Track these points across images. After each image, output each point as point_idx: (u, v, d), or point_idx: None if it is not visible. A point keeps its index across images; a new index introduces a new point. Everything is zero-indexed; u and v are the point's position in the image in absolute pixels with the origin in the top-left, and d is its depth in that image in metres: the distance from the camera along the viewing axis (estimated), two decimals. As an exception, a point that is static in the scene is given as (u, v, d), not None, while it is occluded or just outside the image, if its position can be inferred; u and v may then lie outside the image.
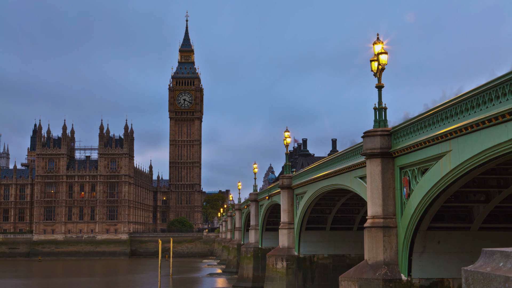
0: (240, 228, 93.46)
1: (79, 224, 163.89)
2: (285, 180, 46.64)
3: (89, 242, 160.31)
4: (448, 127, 19.66)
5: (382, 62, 24.85)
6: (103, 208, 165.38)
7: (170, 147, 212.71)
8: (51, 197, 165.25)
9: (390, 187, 24.77)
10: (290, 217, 45.94)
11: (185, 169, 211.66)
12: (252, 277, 66.06)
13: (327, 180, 35.52)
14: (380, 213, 24.71)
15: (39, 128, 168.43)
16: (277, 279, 45.36)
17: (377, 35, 25.27)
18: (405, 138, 23.51)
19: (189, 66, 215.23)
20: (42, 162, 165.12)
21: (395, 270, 24.14)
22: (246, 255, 68.30)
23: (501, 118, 16.69)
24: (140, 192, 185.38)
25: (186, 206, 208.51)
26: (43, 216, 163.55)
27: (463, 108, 18.81)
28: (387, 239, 24.42)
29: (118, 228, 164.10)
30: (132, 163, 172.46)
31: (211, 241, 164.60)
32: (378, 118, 25.34)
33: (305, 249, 44.72)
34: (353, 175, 29.73)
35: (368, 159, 25.46)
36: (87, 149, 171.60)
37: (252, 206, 69.72)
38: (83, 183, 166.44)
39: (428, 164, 21.97)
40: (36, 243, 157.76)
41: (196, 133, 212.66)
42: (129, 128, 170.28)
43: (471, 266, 5.52)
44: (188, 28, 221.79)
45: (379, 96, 25.23)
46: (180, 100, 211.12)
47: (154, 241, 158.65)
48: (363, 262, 25.30)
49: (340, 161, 32.50)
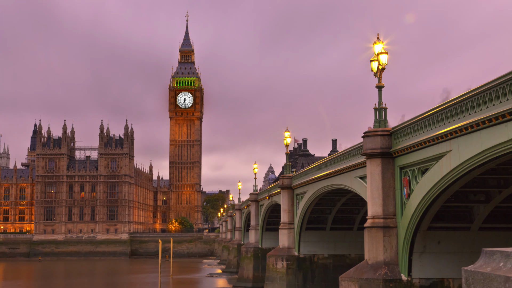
0: (240, 228, 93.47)
1: (79, 224, 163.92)
2: (285, 180, 46.66)
3: (89, 242, 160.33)
4: (448, 127, 19.66)
5: (381, 63, 24.87)
6: (103, 208, 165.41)
7: (170, 147, 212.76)
8: (51, 197, 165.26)
9: (390, 187, 24.78)
10: (290, 217, 45.96)
11: (185, 169, 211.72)
12: (252, 277, 66.07)
13: (327, 180, 35.53)
14: (380, 213, 24.71)
15: (39, 128, 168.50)
16: (277, 279, 45.37)
17: (377, 35, 25.28)
18: (405, 138, 23.51)
19: (189, 66, 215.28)
20: (42, 162, 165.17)
21: (395, 270, 24.15)
22: (246, 255, 68.31)
23: (501, 118, 16.70)
24: (140, 192, 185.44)
25: (186, 206, 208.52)
26: (43, 216, 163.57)
27: (463, 108, 18.82)
28: (387, 239, 24.43)
29: (118, 228, 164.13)
30: (132, 163, 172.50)
31: (211, 241, 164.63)
32: (378, 118, 25.36)
33: (305, 249, 44.72)
34: (353, 175, 29.74)
35: (368, 159, 25.47)
36: (87, 149, 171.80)
37: (252, 206, 69.74)
38: (83, 183, 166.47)
39: (428, 164, 21.97)
40: (36, 243, 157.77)
41: (196, 133, 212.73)
42: (129, 128, 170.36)
43: (471, 266, 5.52)
44: (188, 28, 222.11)
45: (379, 96, 25.25)
46: (180, 100, 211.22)
47: (154, 241, 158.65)
48: (363, 262, 25.31)
49: (340, 161, 32.51)
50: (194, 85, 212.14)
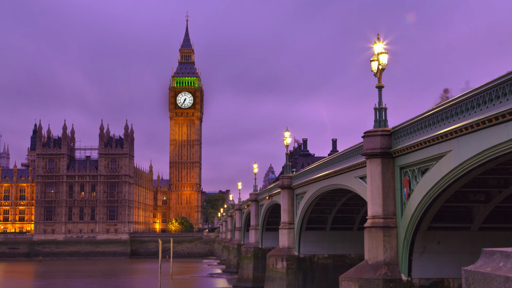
0: (240, 228, 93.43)
1: (79, 224, 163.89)
2: (285, 180, 46.65)
3: (89, 242, 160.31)
4: (449, 127, 19.65)
5: (381, 63, 24.86)
6: (103, 208, 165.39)
7: (170, 147, 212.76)
8: (51, 197, 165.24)
9: (390, 187, 24.77)
10: (290, 217, 45.95)
11: (185, 169, 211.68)
12: (252, 277, 66.04)
13: (327, 180, 35.53)
14: (380, 213, 24.71)
15: (39, 128, 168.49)
16: (277, 279, 45.36)
17: (377, 35, 25.27)
18: (406, 138, 23.51)
19: (189, 66, 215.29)
20: (42, 162, 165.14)
21: (395, 270, 24.14)
22: (246, 255, 68.29)
23: (501, 118, 16.69)
24: (140, 192, 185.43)
25: (186, 206, 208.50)
26: (43, 216, 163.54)
27: (463, 108, 18.81)
28: (387, 239, 24.42)
29: (118, 228, 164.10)
30: (132, 163, 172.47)
31: (211, 241, 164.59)
32: (379, 118, 25.36)
33: (305, 249, 44.71)
34: (354, 175, 29.73)
35: (368, 159, 25.46)
36: (87, 149, 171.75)
37: (252, 206, 69.72)
38: (83, 183, 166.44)
39: (428, 164, 21.97)
40: (36, 243, 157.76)
41: (196, 133, 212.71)
42: (129, 128, 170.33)
43: (472, 266, 5.53)
44: (188, 28, 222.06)
45: (379, 96, 25.25)
46: (180, 100, 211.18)
47: (154, 241, 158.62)
48: (363, 262, 25.30)
49: (341, 161, 32.50)
50: (194, 85, 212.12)
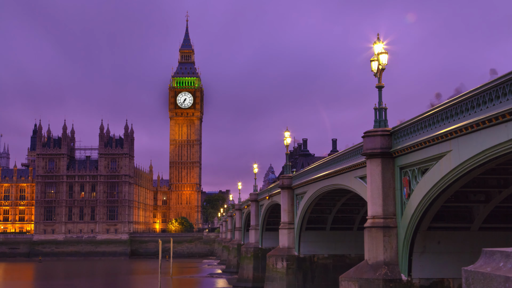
0: (240, 228, 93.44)
1: (79, 224, 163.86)
2: (285, 180, 46.65)
3: (89, 242, 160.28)
4: (448, 127, 19.65)
5: (381, 63, 24.86)
6: (103, 208, 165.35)
7: (170, 147, 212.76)
8: (51, 197, 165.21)
9: (390, 187, 24.77)
10: (290, 217, 45.95)
11: (185, 169, 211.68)
12: (252, 277, 66.03)
13: (327, 180, 35.52)
14: (380, 213, 24.71)
15: (39, 128, 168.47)
16: (277, 279, 45.35)
17: (377, 35, 25.28)
18: (406, 138, 23.51)
19: (189, 66, 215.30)
20: (42, 162, 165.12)
21: (395, 270, 24.14)
22: (246, 255, 68.28)
23: (501, 118, 16.69)
24: (140, 192, 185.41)
25: (186, 206, 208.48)
26: (43, 216, 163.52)
27: (463, 108, 18.81)
28: (387, 239, 24.42)
29: (118, 228, 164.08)
30: (132, 163, 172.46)
31: (211, 241, 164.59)
32: (379, 118, 25.36)
33: (305, 249, 44.71)
34: (354, 175, 29.73)
35: (368, 159, 25.46)
36: (87, 149, 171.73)
37: (252, 206, 69.72)
38: (83, 183, 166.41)
39: (428, 164, 21.97)
40: (36, 243, 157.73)
41: (196, 133, 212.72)
42: (129, 128, 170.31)
43: (472, 266, 5.53)
44: (188, 28, 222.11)
45: (379, 96, 25.25)
46: (180, 100, 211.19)
47: (154, 241, 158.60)
48: (363, 262, 25.30)
49: (341, 161, 32.50)
50: (194, 85, 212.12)
